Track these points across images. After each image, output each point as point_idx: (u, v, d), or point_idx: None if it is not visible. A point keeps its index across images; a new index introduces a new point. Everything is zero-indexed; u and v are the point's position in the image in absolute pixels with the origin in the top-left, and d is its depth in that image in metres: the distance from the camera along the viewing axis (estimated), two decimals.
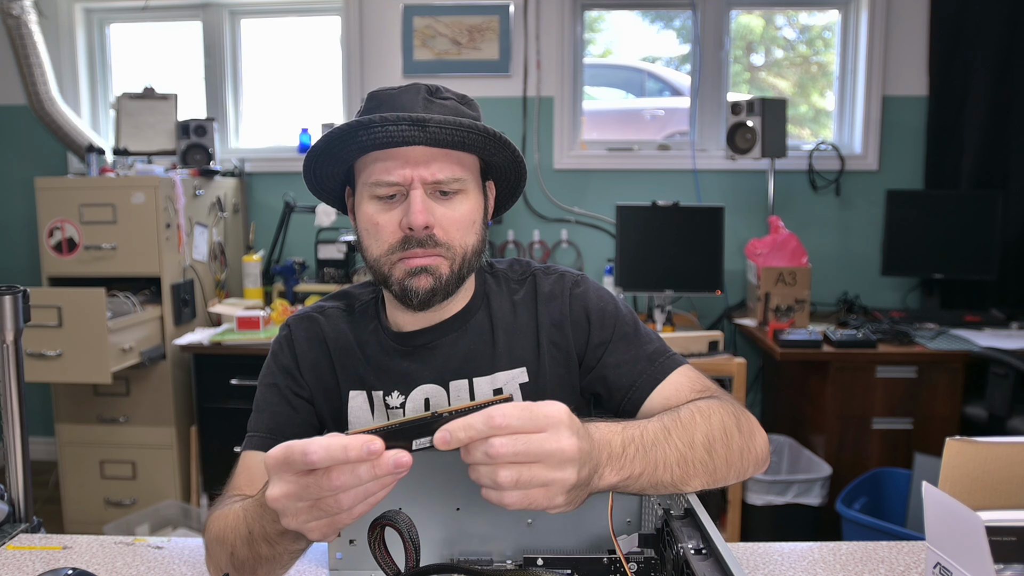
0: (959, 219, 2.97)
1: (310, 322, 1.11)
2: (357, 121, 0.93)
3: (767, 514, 2.56)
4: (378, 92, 1.00)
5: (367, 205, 0.99)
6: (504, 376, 1.05)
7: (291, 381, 1.08)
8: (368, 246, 1.00)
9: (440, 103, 0.98)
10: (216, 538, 0.87)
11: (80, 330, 2.43)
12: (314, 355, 1.09)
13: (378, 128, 0.91)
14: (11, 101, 3.42)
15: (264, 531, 0.78)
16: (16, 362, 1.07)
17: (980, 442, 0.75)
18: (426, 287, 0.97)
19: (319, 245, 3.17)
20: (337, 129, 0.94)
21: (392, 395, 1.05)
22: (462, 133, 0.93)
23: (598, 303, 1.07)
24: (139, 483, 2.85)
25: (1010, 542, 0.71)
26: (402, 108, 0.96)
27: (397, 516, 0.73)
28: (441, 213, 0.97)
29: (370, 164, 0.97)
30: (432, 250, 0.97)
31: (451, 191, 0.97)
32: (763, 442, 0.93)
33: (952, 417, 2.62)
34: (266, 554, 0.80)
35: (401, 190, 0.96)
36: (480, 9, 3.27)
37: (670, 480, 0.81)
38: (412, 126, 0.91)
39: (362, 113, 0.99)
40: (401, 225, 0.96)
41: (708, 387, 1.01)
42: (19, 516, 1.09)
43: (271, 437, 1.04)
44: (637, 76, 3.59)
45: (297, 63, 3.57)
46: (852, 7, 3.30)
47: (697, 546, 0.77)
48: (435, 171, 0.95)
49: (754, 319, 2.94)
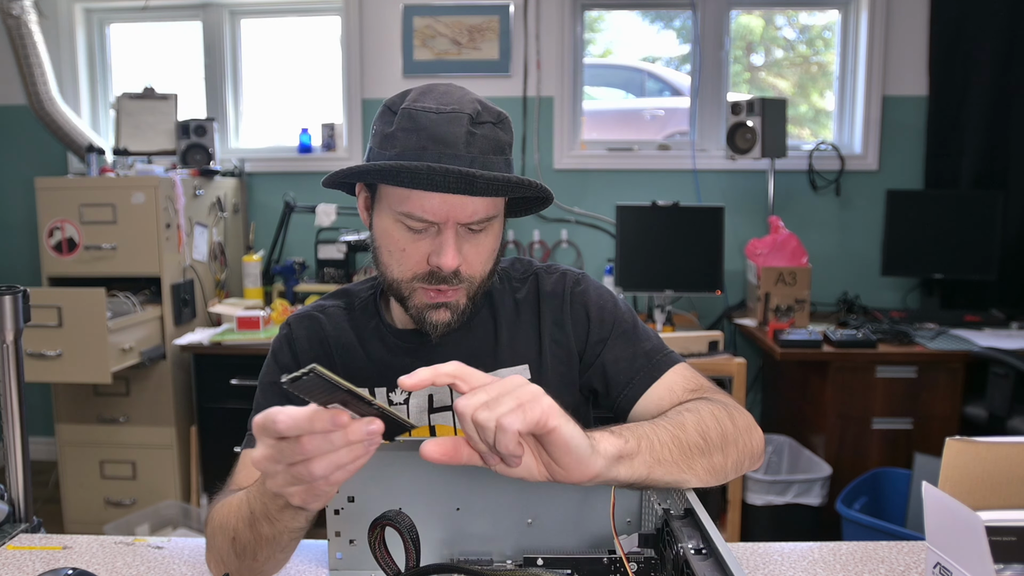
0: (959, 219, 2.97)
1: (311, 321, 1.11)
2: (402, 166, 0.89)
3: (767, 514, 2.56)
4: (418, 115, 0.93)
5: (393, 228, 0.97)
6: (506, 372, 1.05)
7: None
8: (388, 264, 0.99)
9: (481, 135, 0.94)
10: (219, 526, 0.88)
11: (80, 330, 2.43)
12: (315, 354, 1.09)
13: (424, 179, 0.89)
14: (11, 101, 3.42)
15: (265, 508, 0.79)
16: (16, 362, 1.07)
17: (980, 442, 0.75)
18: (445, 320, 0.99)
19: (319, 245, 3.17)
20: (374, 166, 0.91)
21: (396, 391, 1.06)
22: (507, 188, 0.92)
23: (598, 301, 1.08)
24: (139, 483, 2.85)
25: (1010, 542, 0.71)
26: (443, 140, 0.92)
27: (397, 516, 0.73)
28: (468, 249, 0.97)
29: (405, 194, 0.94)
30: (456, 286, 0.97)
31: (480, 229, 0.97)
32: (759, 438, 0.93)
33: (952, 417, 2.62)
34: (267, 533, 0.81)
35: (433, 225, 0.95)
36: (480, 9, 3.27)
37: (671, 458, 0.80)
38: (460, 182, 0.89)
39: (396, 134, 0.94)
40: (429, 261, 0.96)
41: (703, 386, 1.01)
42: (19, 516, 1.09)
43: None
44: (637, 76, 3.59)
45: (297, 63, 3.57)
46: (852, 7, 3.30)
47: (697, 546, 0.77)
48: (471, 213, 0.94)
49: (754, 319, 2.94)
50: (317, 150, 3.43)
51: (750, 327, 2.91)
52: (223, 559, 0.88)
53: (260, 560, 0.85)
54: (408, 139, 0.93)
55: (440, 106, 0.93)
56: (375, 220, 1.00)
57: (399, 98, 0.97)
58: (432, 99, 0.94)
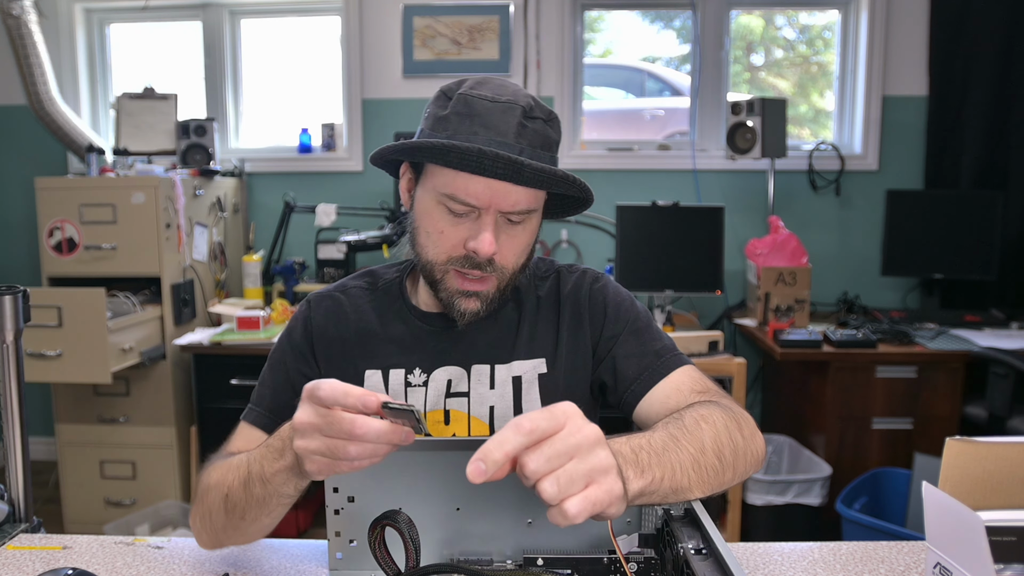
0: (959, 219, 2.97)
1: (331, 301, 1.13)
2: (454, 146, 0.91)
3: (767, 514, 2.56)
4: (473, 102, 0.96)
5: (434, 209, 0.99)
6: (523, 365, 1.08)
7: (300, 362, 1.10)
8: (424, 246, 1.01)
9: (531, 129, 0.97)
10: (214, 483, 0.91)
11: (80, 330, 2.44)
12: (332, 334, 1.11)
13: (474, 160, 0.91)
14: (11, 101, 3.42)
15: (262, 470, 0.82)
16: (16, 362, 1.07)
17: (980, 442, 0.75)
18: (473, 309, 1.01)
19: (319, 245, 3.17)
20: (426, 142, 0.93)
21: (414, 372, 1.08)
22: (552, 181, 0.95)
23: (615, 298, 1.11)
24: (139, 483, 2.85)
25: (1010, 542, 0.71)
26: (495, 129, 0.94)
27: (397, 516, 0.73)
28: (504, 240, 0.99)
29: (451, 175, 0.95)
30: (488, 274, 1.00)
31: (519, 221, 0.99)
32: (761, 443, 0.94)
33: (952, 417, 2.62)
34: (258, 495, 0.84)
35: (474, 210, 0.97)
36: (480, 9, 3.27)
37: (688, 485, 0.79)
38: (507, 168, 0.91)
39: (449, 117, 0.96)
40: (466, 245, 0.97)
41: (709, 388, 1.01)
42: (19, 516, 1.09)
43: (270, 416, 1.07)
44: (637, 76, 3.59)
45: (297, 63, 3.57)
46: (852, 7, 3.30)
47: (697, 546, 0.77)
48: (513, 203, 0.96)
49: (754, 319, 2.94)
50: (317, 150, 3.43)
51: (750, 327, 2.91)
52: (211, 514, 0.90)
53: (247, 520, 0.88)
54: (461, 123, 0.95)
55: (496, 95, 0.96)
56: (416, 201, 1.02)
57: (455, 85, 1.00)
58: (488, 89, 0.97)
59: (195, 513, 0.95)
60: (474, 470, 0.63)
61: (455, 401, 1.08)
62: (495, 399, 1.07)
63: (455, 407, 1.08)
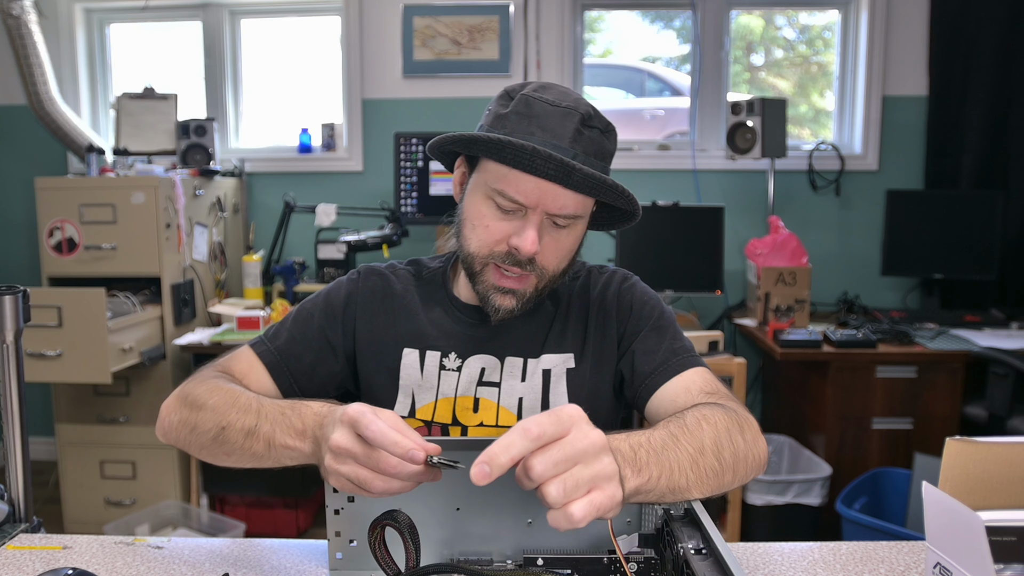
0: (959, 219, 2.97)
1: (379, 277, 1.17)
2: (509, 141, 0.93)
3: (767, 514, 2.56)
4: (534, 103, 0.98)
5: (482, 203, 1.01)
6: (553, 359, 1.11)
7: (328, 325, 1.13)
8: (469, 238, 1.04)
9: (587, 137, 0.99)
10: (211, 405, 0.92)
11: (80, 330, 2.43)
12: (376, 309, 1.14)
13: (526, 158, 0.93)
14: (11, 101, 3.42)
15: (272, 434, 0.84)
16: (16, 362, 1.07)
17: (980, 442, 0.75)
18: (508, 307, 1.04)
19: (319, 245, 3.17)
20: (483, 135, 0.95)
21: (450, 356, 1.11)
22: (600, 189, 0.96)
23: (642, 297, 1.14)
24: (139, 483, 2.85)
25: (1010, 542, 0.71)
26: (552, 132, 0.96)
27: (397, 516, 0.73)
28: (547, 242, 1.01)
29: (503, 172, 0.98)
30: (527, 272, 1.01)
31: (564, 225, 1.01)
32: (763, 448, 0.93)
33: (952, 417, 2.62)
34: (258, 451, 0.86)
35: (521, 208, 0.98)
36: (480, 9, 3.27)
37: (685, 485, 0.79)
38: (559, 170, 0.93)
39: (509, 116, 0.99)
40: (509, 242, 0.99)
41: (719, 391, 1.01)
42: (19, 516, 1.09)
43: (277, 356, 1.10)
44: (637, 76, 3.59)
45: (297, 63, 3.57)
46: (852, 7, 3.30)
47: (697, 546, 0.77)
48: (561, 206, 0.98)
49: (754, 319, 2.94)
50: (317, 150, 3.43)
51: (750, 327, 2.91)
52: (195, 430, 0.93)
53: (232, 459, 0.90)
54: (519, 123, 0.97)
55: (557, 100, 0.98)
56: (467, 194, 1.05)
57: (519, 86, 1.02)
58: (551, 93, 0.99)
59: (174, 410, 0.97)
60: (479, 473, 0.64)
61: (486, 390, 1.10)
62: (525, 391, 1.10)
63: (485, 395, 1.10)
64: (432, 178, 3.11)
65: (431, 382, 1.11)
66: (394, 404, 1.12)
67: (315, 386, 1.12)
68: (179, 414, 0.97)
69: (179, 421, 0.97)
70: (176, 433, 0.98)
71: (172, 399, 1.00)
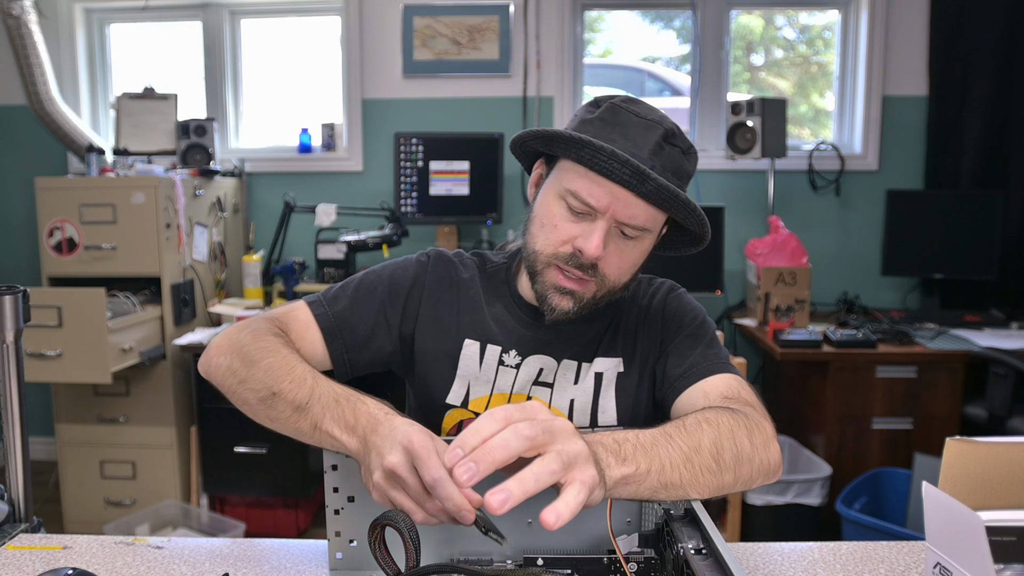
0: (959, 219, 2.97)
1: (447, 264, 1.17)
2: (589, 141, 0.94)
3: (767, 514, 2.56)
4: (621, 112, 0.99)
5: (554, 203, 1.02)
6: (605, 363, 1.12)
7: (390, 304, 1.13)
8: (535, 234, 1.04)
9: (667, 153, 0.99)
10: (267, 365, 0.91)
11: (80, 330, 2.43)
12: (443, 295, 1.14)
13: (603, 160, 0.94)
14: (11, 101, 3.42)
15: (321, 419, 0.84)
16: (16, 362, 1.07)
17: (980, 442, 0.75)
18: (565, 308, 1.04)
19: (319, 245, 3.17)
20: (564, 132, 0.97)
21: (510, 353, 1.12)
22: (673, 202, 0.97)
23: (687, 306, 1.17)
24: (139, 483, 2.85)
25: (1010, 542, 0.71)
26: (633, 141, 0.97)
27: (397, 516, 0.73)
28: (612, 249, 1.01)
29: (579, 173, 0.98)
30: (589, 277, 1.02)
31: (632, 236, 1.01)
32: (775, 454, 0.92)
33: (952, 417, 2.62)
34: (303, 429, 0.86)
35: (592, 212, 0.99)
36: (480, 9, 3.27)
37: (680, 482, 0.79)
38: (633, 176, 0.94)
39: (594, 121, 1.00)
40: (575, 243, 1.00)
41: (740, 397, 0.99)
42: (19, 516, 1.09)
43: (334, 321, 1.09)
44: (637, 76, 3.59)
45: (297, 63, 3.56)
46: (852, 7, 3.30)
47: (697, 546, 0.77)
48: (631, 215, 0.98)
49: (754, 319, 2.94)
50: (317, 150, 3.43)
51: (750, 327, 2.91)
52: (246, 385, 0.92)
53: (273, 425, 0.90)
54: (603, 128, 0.99)
55: (644, 113, 0.99)
56: (540, 195, 1.06)
57: (609, 96, 1.03)
58: (639, 106, 1.01)
59: (224, 354, 0.96)
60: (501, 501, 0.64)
61: (539, 390, 1.12)
62: (577, 393, 1.11)
63: (538, 395, 1.11)
64: (432, 178, 3.11)
65: (488, 376, 1.11)
66: (449, 391, 1.12)
67: (364, 360, 1.11)
68: (228, 360, 0.95)
69: (227, 368, 0.95)
70: (221, 377, 0.96)
71: (224, 341, 0.99)
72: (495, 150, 3.11)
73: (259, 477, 2.75)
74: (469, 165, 3.11)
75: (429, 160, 3.10)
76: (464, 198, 3.13)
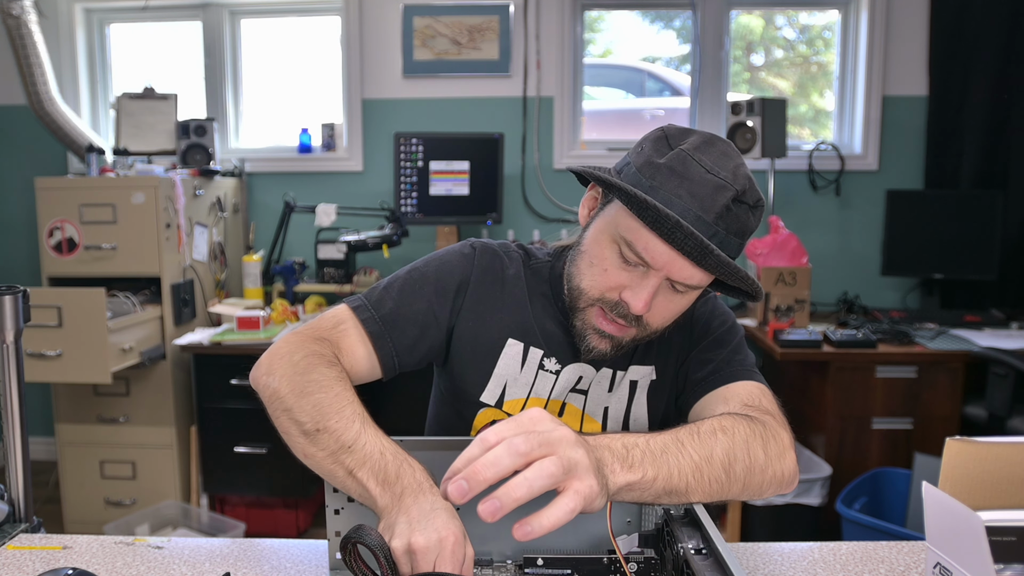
0: (959, 219, 2.97)
1: (494, 256, 1.13)
2: (656, 206, 0.88)
3: (767, 514, 2.56)
4: (691, 165, 0.92)
5: (607, 246, 0.98)
6: (640, 370, 1.12)
7: (438, 301, 1.09)
8: (583, 273, 1.01)
9: (734, 214, 0.93)
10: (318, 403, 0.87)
11: (80, 330, 2.43)
12: (488, 289, 1.11)
13: (667, 228, 0.89)
14: (11, 101, 3.42)
15: (356, 465, 0.81)
16: (16, 362, 1.07)
17: (980, 442, 0.75)
18: (602, 349, 1.02)
19: (319, 245, 3.17)
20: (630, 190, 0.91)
21: (551, 359, 1.10)
22: (730, 275, 0.93)
23: (717, 311, 1.15)
24: (139, 483, 2.85)
25: (1010, 542, 0.71)
26: (701, 202, 0.91)
27: (366, 535, 0.72)
28: (660, 301, 0.98)
29: (639, 224, 0.93)
30: (630, 326, 1.00)
31: (682, 291, 0.98)
32: (791, 466, 0.90)
33: (952, 417, 2.62)
34: (336, 472, 0.83)
35: (645, 265, 0.95)
36: (480, 9, 3.27)
37: (685, 489, 0.78)
38: (696, 250, 0.89)
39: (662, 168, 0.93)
40: (622, 294, 0.97)
41: (761, 406, 0.98)
42: (19, 516, 1.09)
43: (383, 327, 1.04)
44: (637, 76, 3.59)
45: (297, 63, 3.56)
46: (852, 7, 3.30)
47: (697, 546, 0.77)
48: (686, 277, 0.95)
49: (754, 319, 2.94)
50: (317, 150, 3.43)
51: (750, 327, 2.90)
52: (288, 410, 0.88)
53: (310, 460, 0.86)
54: (670, 179, 0.92)
55: (715, 168, 0.92)
56: (594, 227, 1.01)
57: (680, 135, 0.97)
58: (710, 156, 0.93)
59: (276, 375, 0.92)
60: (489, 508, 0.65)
61: (574, 396, 1.11)
62: (611, 401, 1.11)
63: (572, 402, 1.11)
64: (432, 178, 3.11)
65: (528, 379, 1.10)
66: (484, 389, 1.10)
67: (414, 361, 1.08)
68: (278, 383, 0.91)
69: (275, 391, 0.91)
70: (267, 399, 0.92)
71: (278, 362, 0.93)
72: (495, 150, 3.11)
73: (259, 477, 2.75)
74: (469, 165, 3.11)
75: (429, 160, 3.10)
76: (464, 198, 3.13)
